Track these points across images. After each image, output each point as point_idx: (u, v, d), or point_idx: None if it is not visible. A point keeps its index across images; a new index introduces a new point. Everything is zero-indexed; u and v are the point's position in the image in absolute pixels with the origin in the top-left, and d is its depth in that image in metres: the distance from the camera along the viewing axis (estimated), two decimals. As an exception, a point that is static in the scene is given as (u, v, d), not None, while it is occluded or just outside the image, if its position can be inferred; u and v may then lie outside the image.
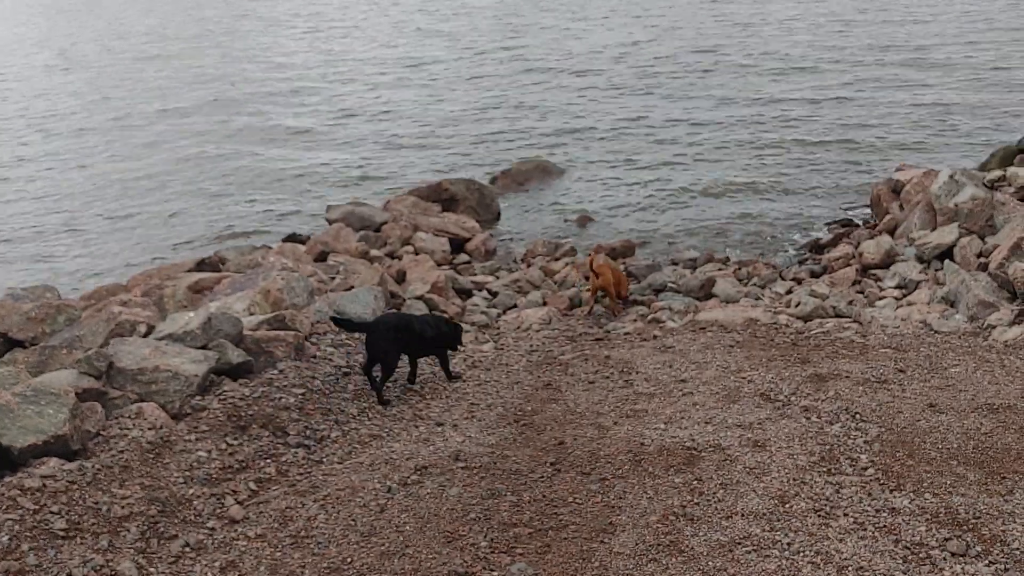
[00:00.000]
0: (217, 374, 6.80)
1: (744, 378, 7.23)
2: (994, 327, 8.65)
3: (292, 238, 13.97)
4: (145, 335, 7.34)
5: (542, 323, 10.08)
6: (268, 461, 6.03)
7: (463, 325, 8.75)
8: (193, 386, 6.41)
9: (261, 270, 9.73)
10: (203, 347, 6.83)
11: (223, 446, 5.97)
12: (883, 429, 6.06)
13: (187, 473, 5.66)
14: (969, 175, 12.50)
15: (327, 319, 8.38)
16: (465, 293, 11.56)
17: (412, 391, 7.40)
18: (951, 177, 12.29)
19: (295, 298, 8.60)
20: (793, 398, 6.75)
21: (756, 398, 6.81)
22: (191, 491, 5.52)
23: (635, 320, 10.14)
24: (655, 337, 8.74)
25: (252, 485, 5.74)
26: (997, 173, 12.63)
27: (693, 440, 6.08)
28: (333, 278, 10.78)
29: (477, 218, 14.71)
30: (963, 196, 11.93)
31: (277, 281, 8.61)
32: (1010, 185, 12.06)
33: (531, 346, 8.86)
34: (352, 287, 9.49)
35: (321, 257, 12.13)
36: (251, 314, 8.06)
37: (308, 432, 6.44)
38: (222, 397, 6.45)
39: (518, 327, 10.00)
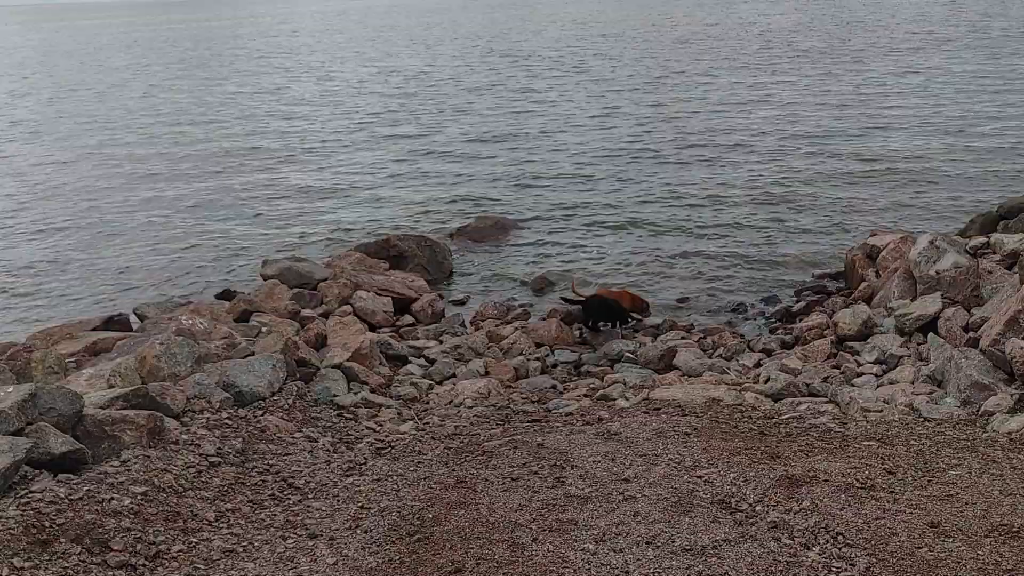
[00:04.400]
0: (36, 467, 5.16)
1: (700, 478, 5.65)
2: (992, 414, 7.14)
3: (224, 295, 12.44)
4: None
5: (478, 397, 8.51)
6: (70, 591, 4.38)
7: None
8: (-12, 485, 4.77)
9: (154, 332, 8.13)
10: (17, 432, 5.20)
11: (5, 572, 4.31)
12: (874, 559, 4.48)
13: (-60, 614, 4.01)
14: (951, 241, 11.13)
15: (215, 390, 6.79)
16: (400, 360, 9.99)
17: (294, 488, 5.78)
18: (931, 243, 10.92)
19: (176, 366, 7.00)
20: (759, 508, 5.16)
21: (713, 507, 5.22)
22: (-62, 641, 3.87)
23: (582, 397, 8.58)
24: (600, 420, 7.15)
25: (34, 630, 4.08)
26: (980, 239, 11.29)
27: (627, 571, 4.47)
28: (253, 340, 9.19)
29: (427, 277, 13.20)
30: (945, 263, 10.53)
31: (155, 346, 7.00)
32: (995, 252, 10.68)
33: (456, 427, 7.25)
34: (253, 353, 7.88)
35: (244, 316, 10.54)
36: (110, 386, 6.44)
37: (139, 547, 4.79)
38: (24, 500, 4.79)
39: (450, 401, 8.42)
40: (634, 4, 77.69)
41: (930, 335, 9.36)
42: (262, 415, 6.79)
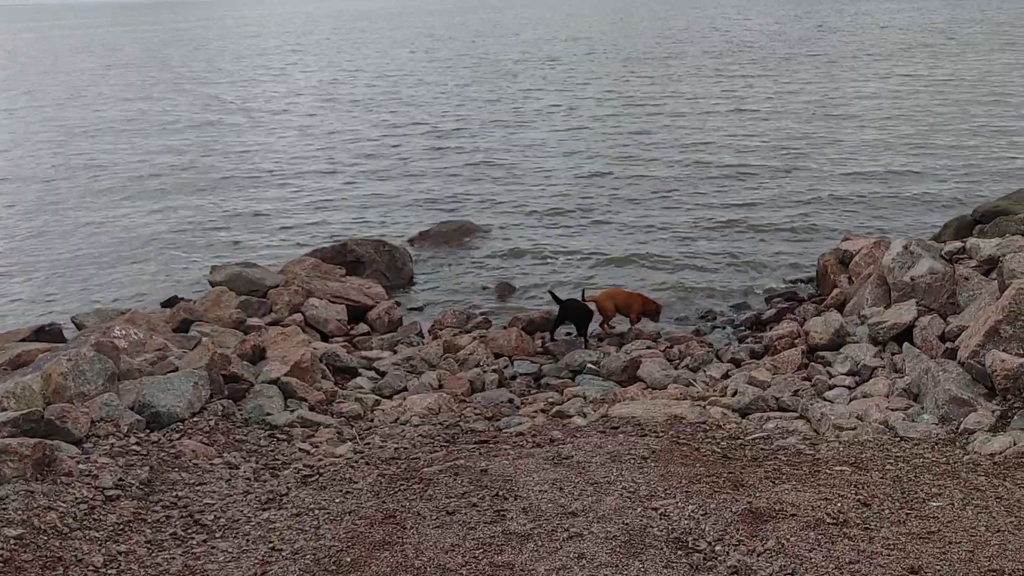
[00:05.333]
0: None
1: (655, 510, 5.00)
2: (972, 432, 6.55)
3: (170, 302, 11.71)
4: None
5: (427, 414, 7.82)
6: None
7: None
8: None
9: (71, 346, 7.40)
10: None
11: None
12: (847, 614, 3.86)
13: None
14: (926, 246, 10.60)
15: (124, 412, 6.08)
16: (350, 372, 9.29)
17: (201, 525, 5.07)
18: (906, 248, 10.39)
19: (84, 385, 6.27)
20: (719, 548, 4.52)
21: (667, 547, 4.57)
22: None
23: (538, 412, 7.93)
24: (552, 441, 6.49)
25: None
26: (956, 244, 10.75)
27: (564, 631, 3.82)
28: (185, 353, 8.47)
29: (385, 283, 12.52)
30: (920, 269, 10.00)
31: (62, 363, 6.28)
32: (971, 258, 10.15)
33: (396, 450, 6.57)
34: (176, 369, 7.16)
35: (183, 326, 9.82)
36: (2, 409, 5.71)
37: (3, 602, 4.09)
38: None
39: (396, 419, 7.73)
40: (607, 9, 77.31)
41: (905, 345, 8.80)
42: (179, 439, 6.09)
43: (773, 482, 5.37)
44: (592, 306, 10.78)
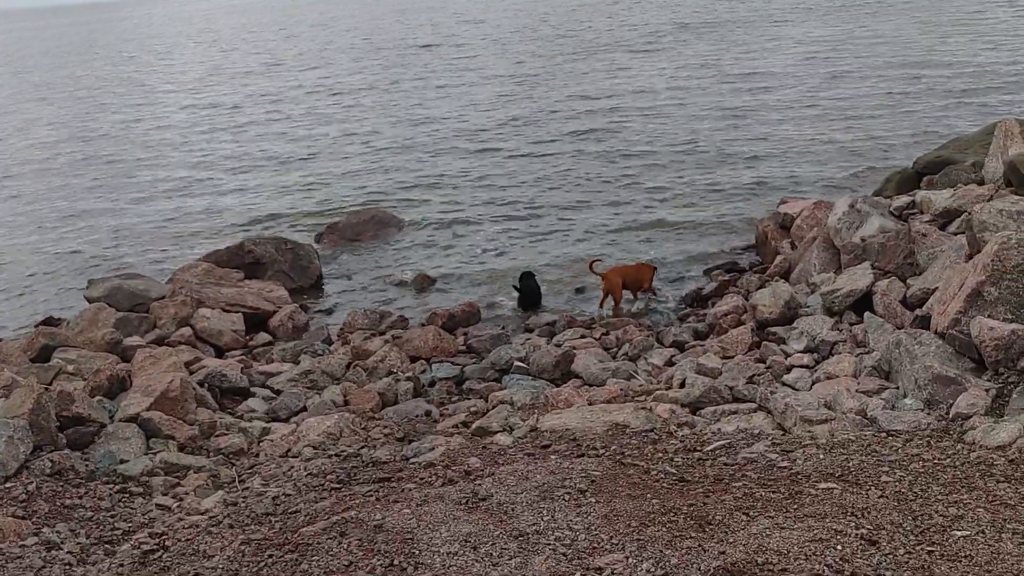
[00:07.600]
0: None
1: (599, 572, 3.62)
2: (967, 418, 5.32)
3: (48, 323, 9.97)
4: None
5: (324, 441, 6.32)
6: None
7: None
8: None
9: None
10: None
11: None
12: None
13: None
14: (873, 203, 9.47)
15: None
16: (241, 393, 7.72)
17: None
18: (852, 206, 9.27)
19: None
20: (689, 632, 3.15)
21: (619, 636, 3.18)
22: None
23: (456, 429, 6.50)
24: (467, 474, 5.05)
25: None
26: (904, 199, 9.65)
27: None
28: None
29: (290, 285, 10.93)
30: (870, 228, 8.87)
31: None
32: (923, 212, 9.03)
33: (276, 499, 5.06)
34: (-6, 419, 5.52)
35: (44, 354, 8.13)
36: None
37: None
38: None
39: (287, 451, 6.22)
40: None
41: (866, 315, 7.63)
42: (-21, 516, 4.49)
43: (747, 515, 4.02)
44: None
